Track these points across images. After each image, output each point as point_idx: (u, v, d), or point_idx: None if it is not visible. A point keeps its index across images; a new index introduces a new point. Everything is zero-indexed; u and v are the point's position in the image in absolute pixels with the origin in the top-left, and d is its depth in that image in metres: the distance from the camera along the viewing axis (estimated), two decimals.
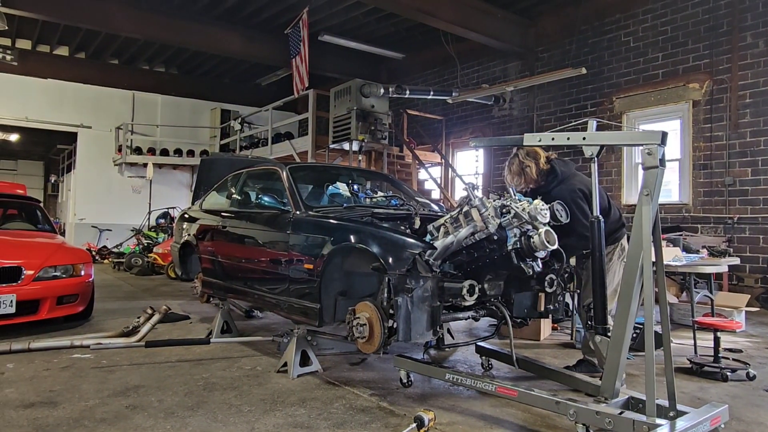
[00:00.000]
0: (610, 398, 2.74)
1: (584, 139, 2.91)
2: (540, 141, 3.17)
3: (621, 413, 2.55)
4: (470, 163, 12.09)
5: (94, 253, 12.96)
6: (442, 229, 3.31)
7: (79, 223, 14.81)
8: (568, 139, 3.02)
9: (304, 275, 3.82)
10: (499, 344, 4.33)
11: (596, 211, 3.00)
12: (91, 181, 14.94)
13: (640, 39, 8.99)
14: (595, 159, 2.96)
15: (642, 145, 2.69)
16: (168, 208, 13.20)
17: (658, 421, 2.49)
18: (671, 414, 2.61)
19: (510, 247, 3.17)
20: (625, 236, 3.74)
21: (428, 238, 3.38)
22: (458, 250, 3.22)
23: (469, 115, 11.91)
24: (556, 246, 3.13)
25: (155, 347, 4.33)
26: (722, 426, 2.68)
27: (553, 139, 3.07)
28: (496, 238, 3.15)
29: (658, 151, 2.60)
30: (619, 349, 2.68)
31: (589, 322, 3.29)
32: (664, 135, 2.62)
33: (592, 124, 3.04)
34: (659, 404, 2.60)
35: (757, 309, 6.70)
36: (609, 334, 2.81)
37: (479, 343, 4.04)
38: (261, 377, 3.82)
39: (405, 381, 3.64)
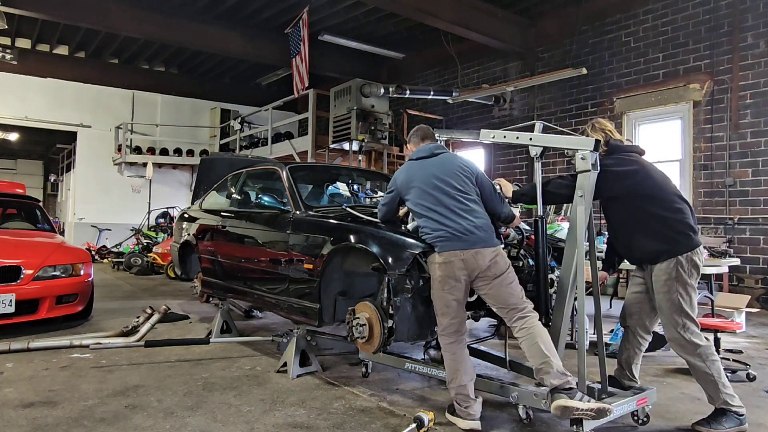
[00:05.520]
0: None
1: (530, 139, 3.18)
2: (494, 138, 3.42)
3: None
4: None
5: (93, 252, 12.95)
6: None
7: (79, 223, 14.79)
8: (517, 138, 3.27)
9: (303, 275, 3.82)
10: (499, 344, 4.32)
11: (540, 210, 3.19)
12: (90, 181, 14.92)
13: (641, 39, 8.98)
14: (539, 158, 3.19)
15: (577, 150, 2.95)
16: (168, 208, 13.19)
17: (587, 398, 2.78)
18: (603, 397, 2.98)
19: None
20: (686, 254, 2.97)
21: None
22: None
23: (469, 115, 11.90)
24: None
25: (155, 347, 4.34)
26: (649, 407, 3.02)
27: (505, 137, 3.37)
28: None
29: (591, 156, 2.87)
30: (557, 337, 2.96)
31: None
32: (597, 142, 2.92)
33: (539, 126, 3.27)
34: (590, 386, 2.99)
35: (758, 310, 6.70)
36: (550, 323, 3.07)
37: (472, 346, 4.03)
38: (260, 377, 3.82)
39: (364, 371, 3.83)
